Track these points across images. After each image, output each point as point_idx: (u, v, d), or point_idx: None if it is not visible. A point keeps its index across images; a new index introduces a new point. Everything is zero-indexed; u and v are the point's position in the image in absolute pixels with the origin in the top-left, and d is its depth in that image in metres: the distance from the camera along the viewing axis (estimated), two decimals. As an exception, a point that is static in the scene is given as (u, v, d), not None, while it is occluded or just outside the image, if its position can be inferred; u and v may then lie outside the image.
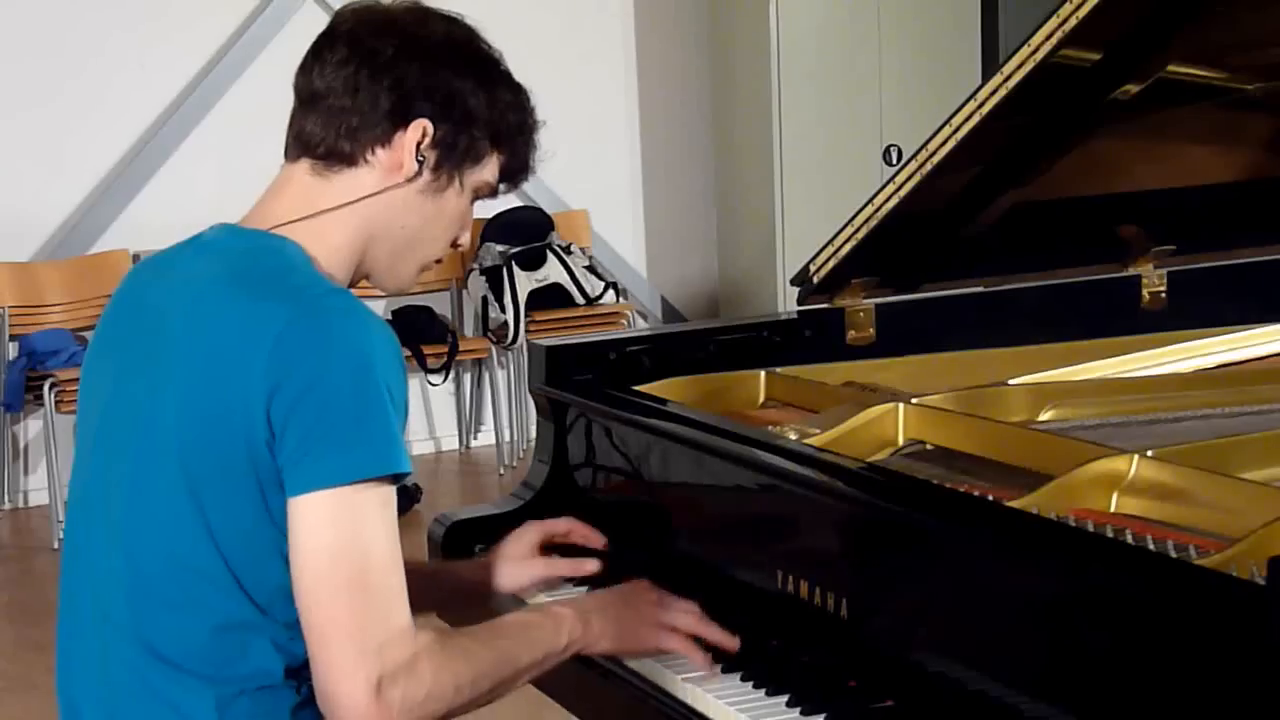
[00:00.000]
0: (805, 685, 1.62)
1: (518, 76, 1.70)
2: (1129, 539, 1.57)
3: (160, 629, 1.53)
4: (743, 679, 1.67)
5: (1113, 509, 1.70)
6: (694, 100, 6.66)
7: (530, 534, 1.94)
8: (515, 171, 1.69)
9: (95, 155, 5.77)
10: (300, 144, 1.62)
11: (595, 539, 1.95)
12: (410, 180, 1.61)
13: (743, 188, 6.48)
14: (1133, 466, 1.71)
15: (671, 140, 6.70)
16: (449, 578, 1.96)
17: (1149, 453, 1.71)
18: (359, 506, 1.46)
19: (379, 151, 1.60)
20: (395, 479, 1.49)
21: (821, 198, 6.04)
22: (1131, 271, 2.58)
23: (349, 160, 1.60)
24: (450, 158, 1.62)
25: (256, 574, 1.52)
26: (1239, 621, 1.22)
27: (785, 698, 1.61)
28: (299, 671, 1.54)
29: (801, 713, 1.59)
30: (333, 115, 1.59)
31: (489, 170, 1.66)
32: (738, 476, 1.89)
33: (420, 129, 1.59)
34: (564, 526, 1.96)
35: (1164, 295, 2.58)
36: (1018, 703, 1.47)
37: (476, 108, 1.62)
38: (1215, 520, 1.60)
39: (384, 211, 1.61)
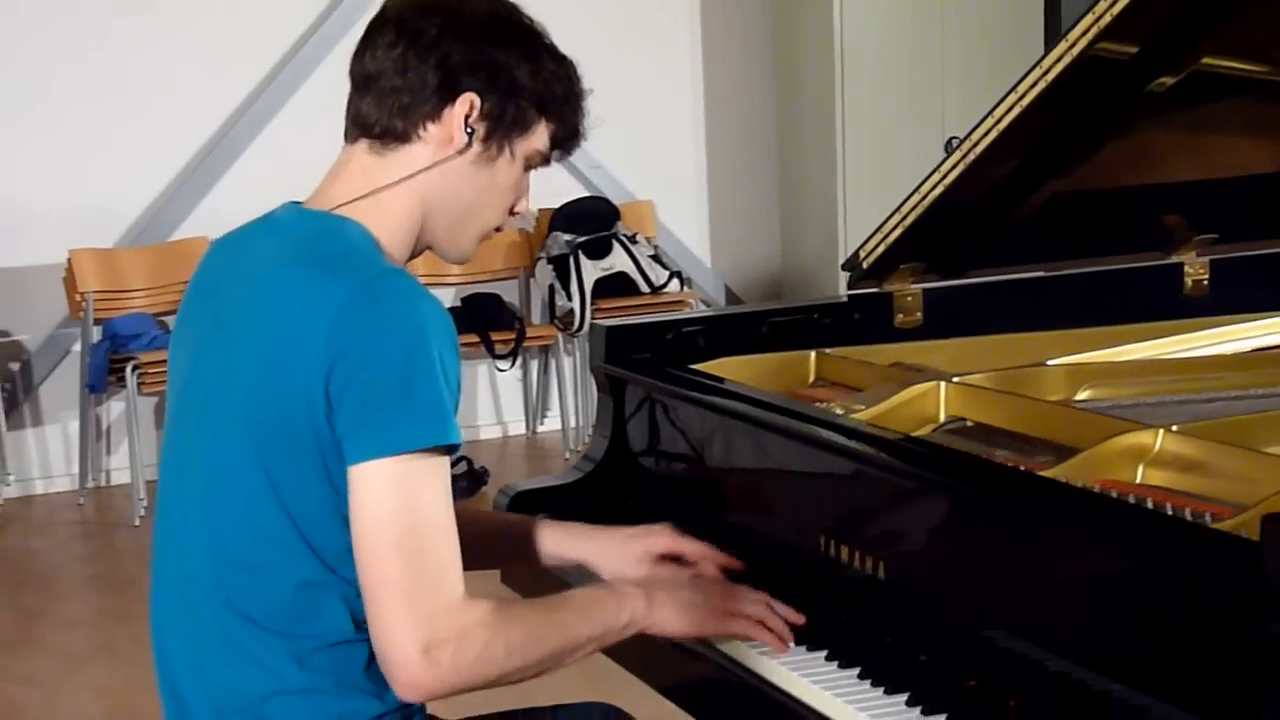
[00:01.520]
0: (845, 643, 1.73)
1: (585, 71, 1.77)
2: (1149, 507, 1.66)
3: (241, 589, 1.62)
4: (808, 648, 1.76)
5: (1138, 480, 1.79)
6: (758, 92, 6.75)
7: (660, 540, 1.92)
8: (565, 139, 1.76)
9: (175, 148, 5.94)
10: (357, 125, 1.70)
11: (726, 566, 1.91)
12: (461, 152, 1.68)
13: (806, 179, 6.56)
14: (1158, 440, 1.80)
15: (736, 132, 6.78)
16: (513, 523, 2.03)
17: (1174, 427, 1.81)
18: (411, 475, 1.54)
19: (430, 127, 1.67)
20: (447, 450, 1.57)
21: (884, 188, 6.06)
22: (1174, 259, 2.66)
23: (403, 137, 1.68)
24: (499, 128, 1.69)
25: (323, 536, 1.60)
26: (1238, 575, 1.32)
27: (824, 652, 1.72)
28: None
29: (840, 666, 1.69)
30: (385, 95, 1.67)
31: (539, 139, 1.73)
32: (787, 449, 1.98)
33: (468, 102, 1.67)
34: (698, 551, 1.92)
35: (1206, 283, 2.66)
36: (1043, 659, 1.56)
37: (521, 78, 1.69)
38: (1234, 490, 1.68)
39: (439, 185, 1.69)
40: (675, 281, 6.25)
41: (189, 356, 1.71)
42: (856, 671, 1.68)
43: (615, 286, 6.11)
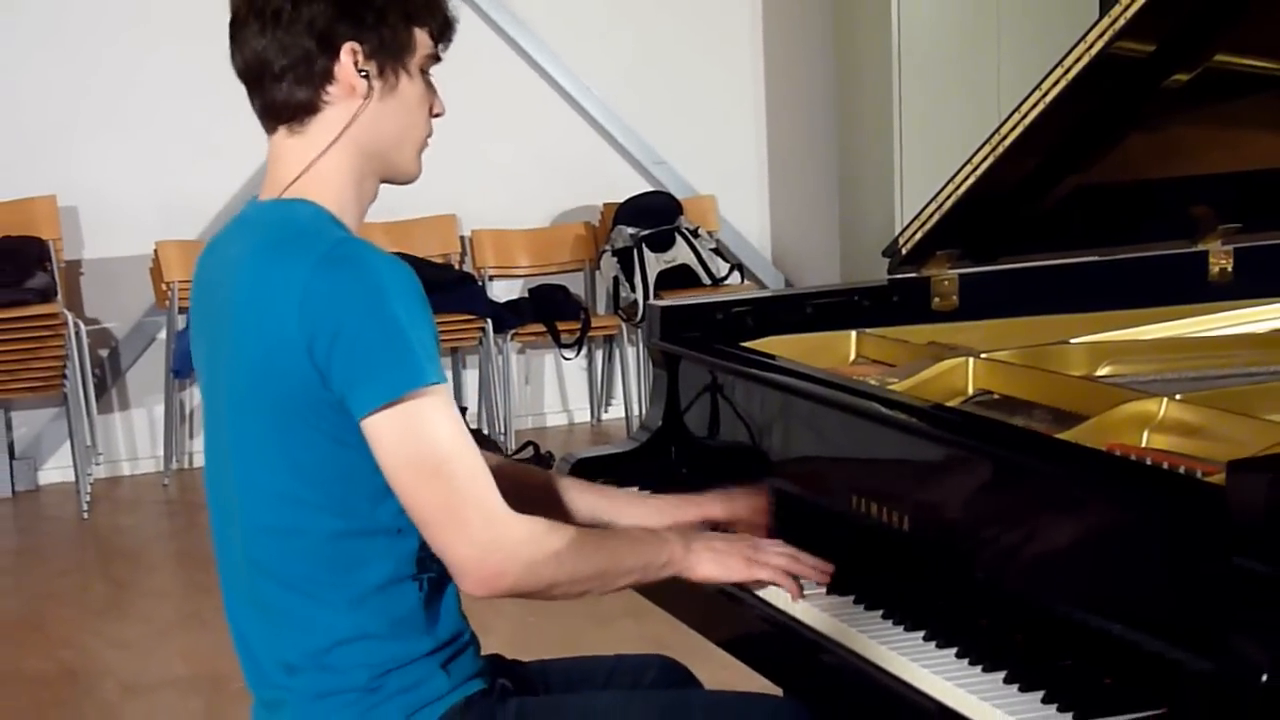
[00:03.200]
0: (872, 589, 1.91)
1: (649, 69, 1.95)
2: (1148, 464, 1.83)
3: (286, 554, 1.77)
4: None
5: (1144, 444, 1.95)
6: (818, 91, 6.90)
7: (712, 509, 2.11)
8: (442, 32, 1.85)
9: (257, 143, 6.06)
10: (270, 116, 1.82)
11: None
12: (367, 97, 1.79)
13: (864, 173, 6.71)
14: (1162, 408, 1.96)
15: (796, 129, 6.94)
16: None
17: (1177, 396, 1.97)
18: (410, 416, 1.68)
19: (330, 89, 1.78)
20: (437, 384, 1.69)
21: (940, 183, 6.21)
22: (1200, 247, 2.81)
23: (311, 108, 1.79)
24: (387, 59, 1.79)
25: (344, 490, 1.74)
26: (1209, 515, 1.50)
27: (850, 596, 1.90)
28: (417, 566, 1.78)
29: (866, 608, 1.88)
30: (280, 79, 1.78)
31: (422, 45, 1.82)
32: (828, 418, 2.15)
33: (350, 51, 1.77)
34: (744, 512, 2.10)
35: (1230, 270, 2.80)
36: (1049, 600, 1.73)
37: (384, 5, 1.78)
38: (1228, 451, 1.82)
39: (363, 132, 1.80)
40: (736, 274, 6.42)
41: (205, 353, 1.87)
42: (880, 613, 1.85)
43: (677, 279, 6.29)
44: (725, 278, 6.37)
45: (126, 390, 6.17)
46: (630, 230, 6.34)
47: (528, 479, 2.08)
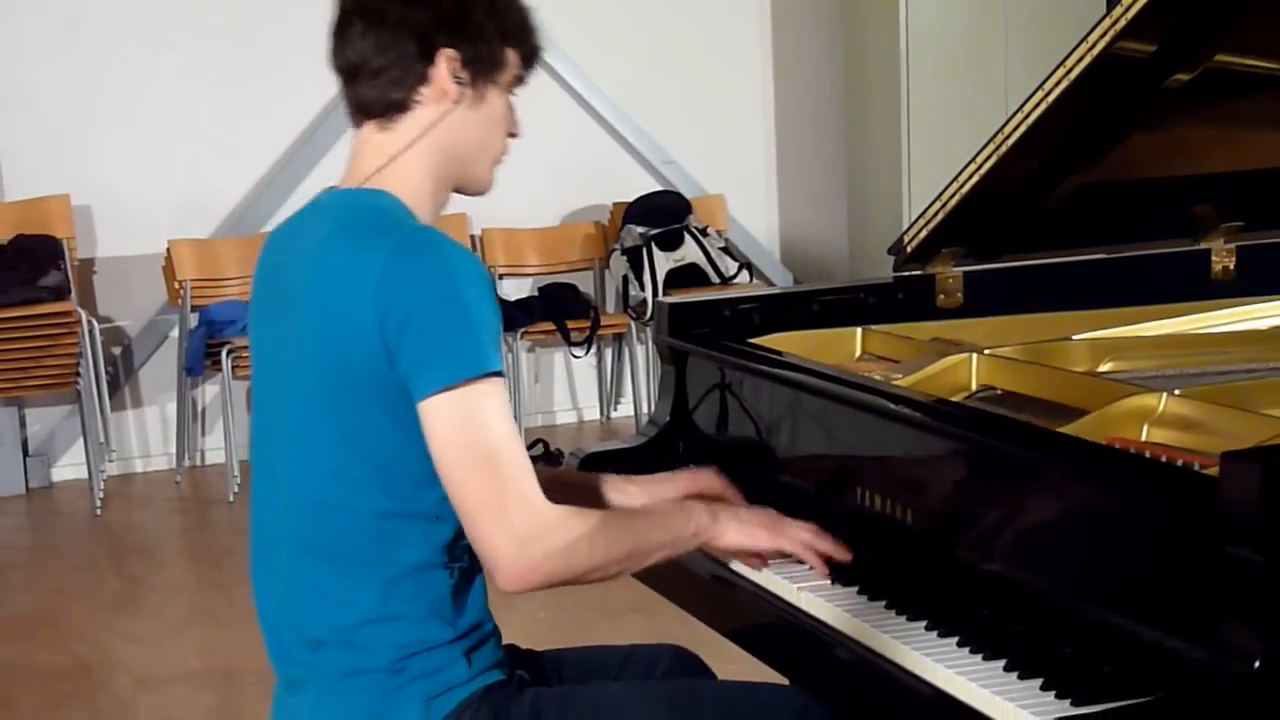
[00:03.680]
0: (873, 578, 1.94)
1: (659, 70, 1.99)
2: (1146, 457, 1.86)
3: (329, 527, 1.82)
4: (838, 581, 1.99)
5: (1143, 438, 1.98)
6: (826, 91, 6.93)
7: (708, 485, 2.16)
8: (530, 55, 1.95)
9: (268, 144, 6.20)
10: (361, 110, 1.90)
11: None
12: (457, 102, 1.88)
13: (872, 173, 6.74)
14: (1161, 403, 1.99)
15: (805, 129, 6.97)
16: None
17: (1176, 391, 2.00)
18: (469, 401, 1.73)
19: (423, 90, 1.86)
20: (496, 374, 1.76)
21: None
22: (1203, 246, 2.84)
23: (403, 107, 1.87)
24: (480, 71, 1.89)
25: (396, 470, 1.79)
26: (1205, 506, 1.53)
27: (855, 587, 1.94)
28: (449, 554, 1.83)
29: (869, 599, 1.91)
30: (375, 76, 1.86)
31: (513, 66, 1.93)
32: (834, 413, 2.18)
33: (447, 58, 1.86)
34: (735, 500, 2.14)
35: (1233, 268, 2.83)
36: (1047, 588, 1.77)
37: (484, 21, 1.88)
38: (1224, 445, 1.84)
39: (447, 135, 1.89)
40: (745, 273, 6.45)
41: (267, 331, 1.93)
42: (884, 603, 1.89)
43: (687, 277, 6.32)
44: (734, 277, 6.40)
45: (139, 388, 6.22)
46: (639, 229, 6.37)
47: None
